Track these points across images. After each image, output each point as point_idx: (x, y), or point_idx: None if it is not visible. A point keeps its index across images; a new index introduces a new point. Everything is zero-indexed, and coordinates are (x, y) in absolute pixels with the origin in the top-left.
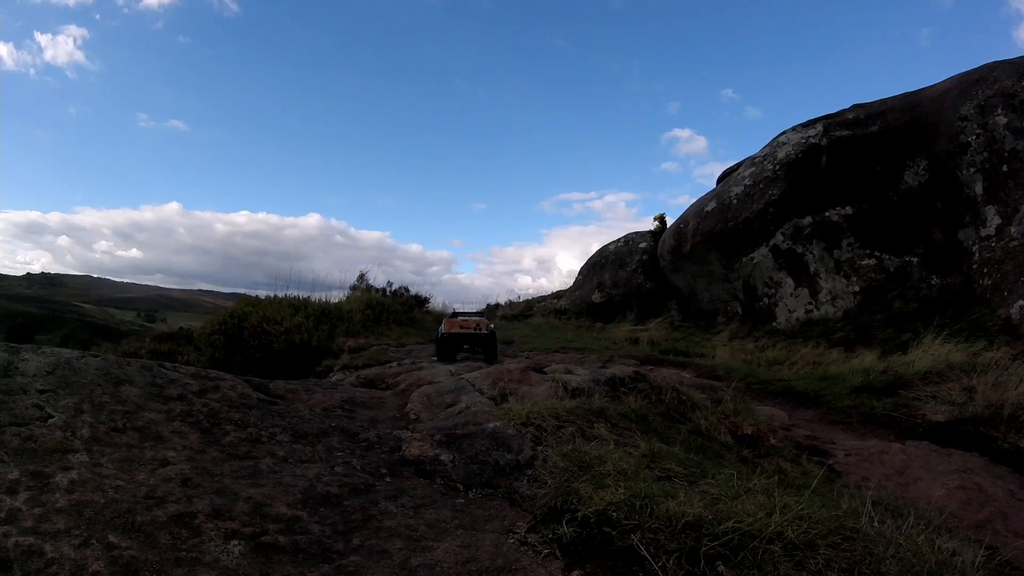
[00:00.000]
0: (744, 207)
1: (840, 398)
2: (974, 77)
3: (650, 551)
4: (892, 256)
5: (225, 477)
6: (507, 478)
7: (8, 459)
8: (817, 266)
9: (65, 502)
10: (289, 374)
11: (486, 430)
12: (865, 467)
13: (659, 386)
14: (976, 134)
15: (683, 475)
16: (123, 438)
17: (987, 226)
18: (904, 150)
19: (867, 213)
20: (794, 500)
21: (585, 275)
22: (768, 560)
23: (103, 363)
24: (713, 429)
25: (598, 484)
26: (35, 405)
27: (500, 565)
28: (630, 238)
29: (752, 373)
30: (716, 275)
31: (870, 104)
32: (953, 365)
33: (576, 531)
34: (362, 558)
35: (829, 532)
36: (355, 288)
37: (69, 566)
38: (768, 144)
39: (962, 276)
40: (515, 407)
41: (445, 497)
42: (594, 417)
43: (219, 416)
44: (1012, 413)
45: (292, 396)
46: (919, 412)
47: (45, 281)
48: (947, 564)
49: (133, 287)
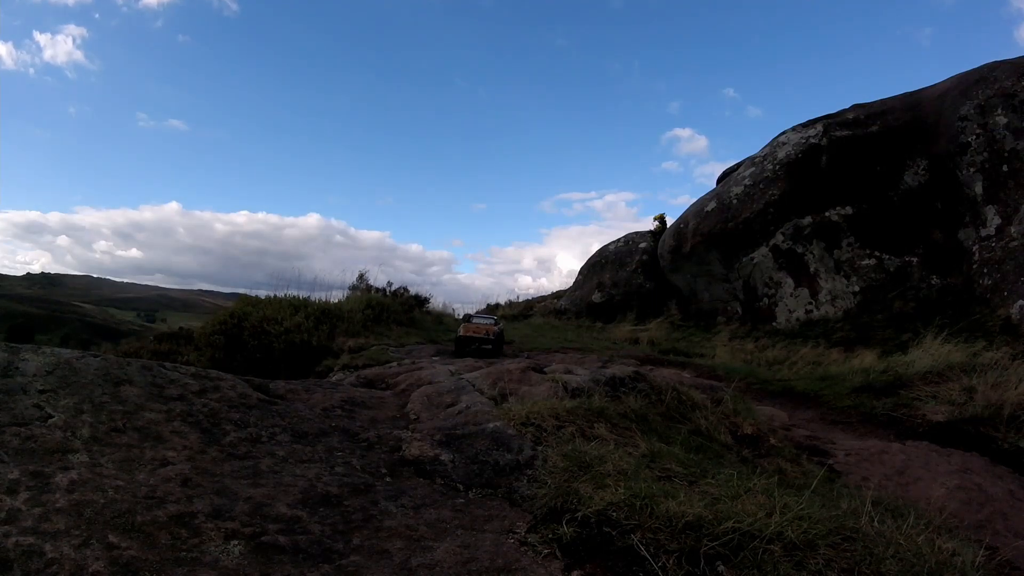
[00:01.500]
0: (744, 207)
1: (840, 398)
2: (974, 77)
3: (650, 551)
4: (892, 256)
5: (225, 477)
6: (507, 478)
7: (8, 459)
8: (817, 266)
9: (65, 502)
10: (289, 374)
11: (486, 430)
12: (865, 467)
13: (659, 386)
14: (976, 134)
15: (683, 475)
16: (123, 438)
17: (987, 226)
18: (904, 150)
19: (867, 213)
20: (794, 500)
21: (585, 275)
22: (768, 560)
23: (103, 363)
24: (713, 429)
25: (598, 484)
26: (35, 405)
27: (500, 565)
28: (630, 238)
29: (752, 373)
30: (716, 275)
31: (870, 104)
32: (953, 365)
33: (576, 531)
34: (362, 558)
35: (829, 532)
36: (355, 288)
37: (69, 566)
38: (768, 144)
39: (962, 276)
40: (515, 407)
41: (445, 497)
42: (594, 417)
43: (219, 416)
44: (1012, 413)
45: (292, 396)
46: (919, 412)
47: (45, 281)
48: (947, 564)
49: (133, 287)
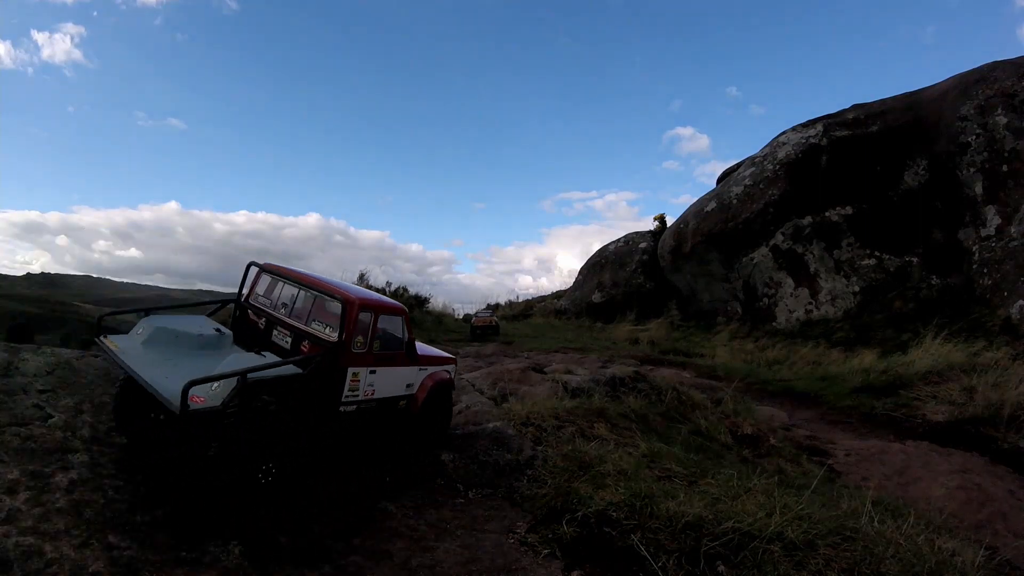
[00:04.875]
0: (744, 207)
1: (840, 398)
2: (974, 77)
3: (650, 551)
4: (892, 256)
5: None
6: (507, 478)
7: (8, 459)
8: (817, 266)
9: (65, 502)
10: None
11: (486, 430)
12: (865, 467)
13: (659, 386)
14: (976, 134)
15: (683, 475)
16: (123, 438)
17: (987, 226)
18: (904, 150)
19: (867, 213)
20: (794, 500)
21: (585, 275)
22: (768, 560)
23: (103, 363)
24: (713, 429)
25: (598, 484)
26: (35, 405)
27: (500, 565)
28: (630, 238)
29: (752, 373)
30: (716, 275)
31: (870, 104)
32: (953, 365)
33: (576, 531)
34: (362, 558)
35: (829, 532)
36: None
37: (69, 566)
38: (768, 144)
39: (962, 276)
40: (515, 407)
41: (445, 497)
42: (594, 417)
43: None
44: (1012, 413)
45: None
46: (919, 412)
47: (45, 281)
48: (947, 564)
49: (133, 287)
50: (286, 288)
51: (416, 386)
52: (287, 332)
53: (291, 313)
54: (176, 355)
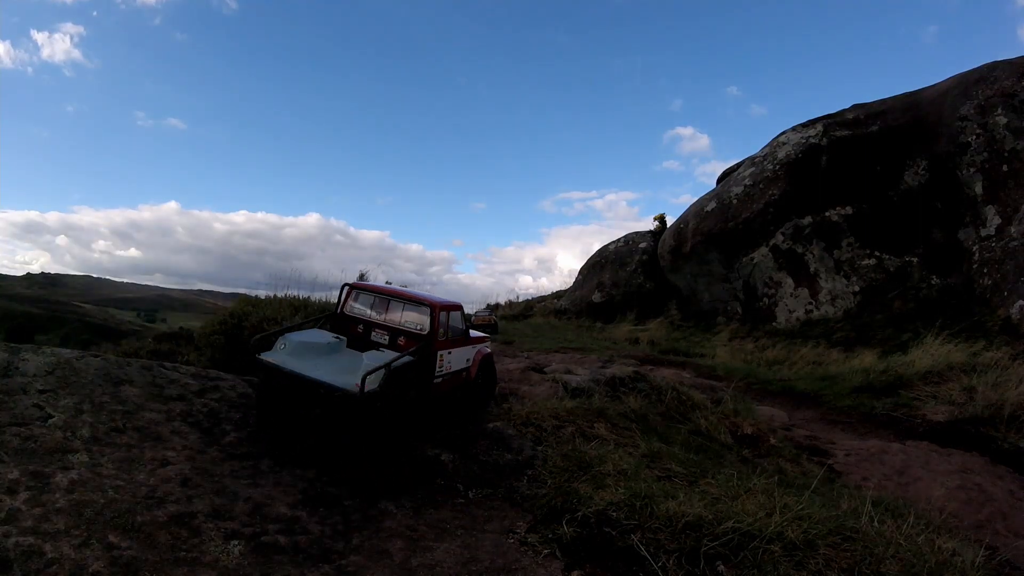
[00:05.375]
0: (744, 207)
1: (840, 398)
2: (974, 77)
3: (650, 551)
4: (892, 256)
5: (225, 477)
6: (507, 478)
7: (8, 459)
8: (817, 266)
9: (65, 502)
10: None
11: (486, 430)
12: (865, 467)
13: (659, 386)
14: (976, 134)
15: (683, 475)
16: (123, 438)
17: (987, 226)
18: (904, 150)
19: (867, 213)
20: (794, 500)
21: (585, 275)
22: (768, 560)
23: (103, 363)
24: (713, 429)
25: (598, 484)
26: (35, 405)
27: (500, 565)
28: (630, 238)
29: (752, 373)
30: (716, 275)
31: (870, 104)
32: (953, 365)
33: (576, 531)
34: (362, 558)
35: (829, 532)
36: None
37: (69, 566)
38: (768, 144)
39: (962, 276)
40: (515, 407)
41: (445, 497)
42: (594, 417)
43: (219, 416)
44: (1012, 413)
45: None
46: (919, 412)
47: (45, 281)
48: (947, 564)
49: (133, 287)
50: (377, 299)
51: (471, 360)
52: (384, 332)
53: (385, 318)
54: (317, 359)
